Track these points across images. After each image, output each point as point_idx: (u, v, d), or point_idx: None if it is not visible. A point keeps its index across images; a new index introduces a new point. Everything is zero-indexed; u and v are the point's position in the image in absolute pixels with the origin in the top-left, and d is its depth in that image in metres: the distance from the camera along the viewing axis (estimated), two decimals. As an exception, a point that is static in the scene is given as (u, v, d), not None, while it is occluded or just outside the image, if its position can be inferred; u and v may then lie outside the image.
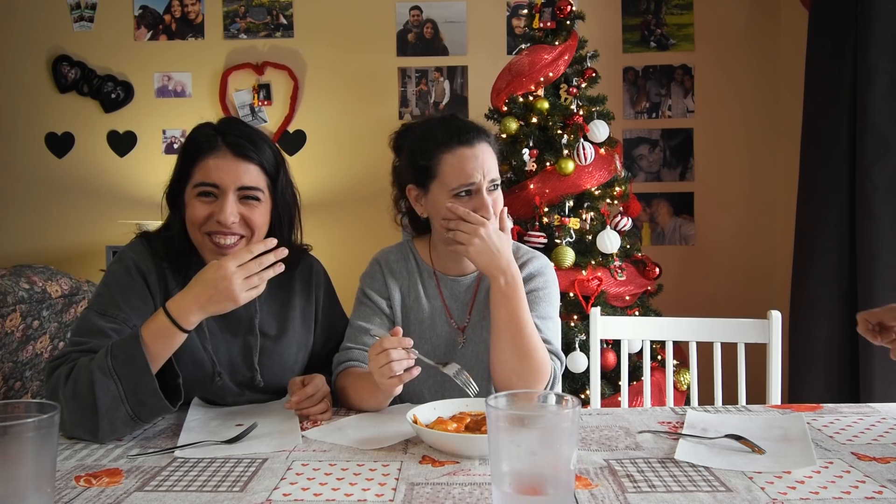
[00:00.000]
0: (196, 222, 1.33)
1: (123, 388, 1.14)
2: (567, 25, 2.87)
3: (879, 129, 2.55)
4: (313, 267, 1.55)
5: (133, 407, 1.15)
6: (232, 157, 1.33)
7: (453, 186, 1.39)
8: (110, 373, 1.15)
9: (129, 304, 1.32)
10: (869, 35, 2.56)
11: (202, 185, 1.32)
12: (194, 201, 1.34)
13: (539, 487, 0.78)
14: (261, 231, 1.38)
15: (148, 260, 1.39)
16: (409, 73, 3.74)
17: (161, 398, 1.16)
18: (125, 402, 1.14)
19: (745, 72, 3.62)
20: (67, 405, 1.15)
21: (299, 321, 1.49)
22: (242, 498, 0.91)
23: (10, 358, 2.42)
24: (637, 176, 3.65)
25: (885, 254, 2.53)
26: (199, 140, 1.35)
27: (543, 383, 1.38)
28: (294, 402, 1.28)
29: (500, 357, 1.36)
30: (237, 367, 1.42)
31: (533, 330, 1.37)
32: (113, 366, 1.15)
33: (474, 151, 1.40)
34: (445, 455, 1.07)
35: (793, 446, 1.08)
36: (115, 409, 1.14)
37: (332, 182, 3.67)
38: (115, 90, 3.77)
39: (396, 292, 1.50)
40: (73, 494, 0.93)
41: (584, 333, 2.61)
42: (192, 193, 1.34)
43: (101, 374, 1.15)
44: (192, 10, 3.77)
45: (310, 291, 1.52)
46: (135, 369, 1.15)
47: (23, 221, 3.81)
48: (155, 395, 1.15)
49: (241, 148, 1.34)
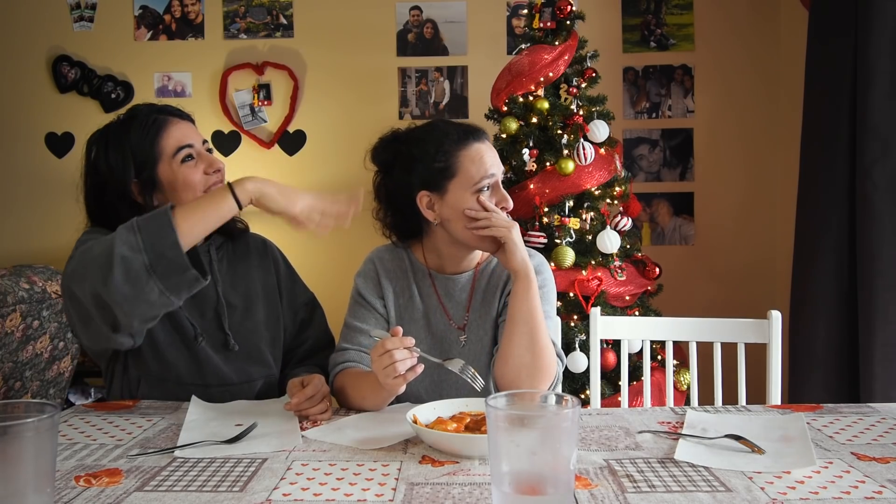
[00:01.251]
0: (197, 184, 1.42)
1: (142, 239, 1.15)
2: (567, 25, 2.87)
3: (879, 129, 2.55)
4: (267, 243, 1.66)
5: (151, 258, 1.14)
6: (184, 122, 1.50)
7: (476, 180, 1.41)
8: (133, 227, 1.17)
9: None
10: (869, 35, 2.56)
11: (183, 149, 1.43)
12: (182, 168, 1.43)
13: (539, 487, 0.78)
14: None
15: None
16: (409, 73, 3.74)
17: (181, 252, 1.15)
18: (142, 252, 1.14)
19: (745, 72, 3.62)
20: (82, 257, 1.18)
21: (261, 291, 1.57)
22: (242, 498, 0.91)
23: (10, 358, 2.42)
24: (637, 176, 3.65)
25: (885, 254, 2.53)
26: (148, 121, 1.45)
27: (550, 382, 1.38)
28: (294, 403, 1.28)
29: (513, 352, 1.36)
30: (212, 334, 1.48)
31: (546, 327, 1.39)
32: (137, 223, 1.18)
33: (487, 146, 1.46)
34: (445, 455, 1.07)
35: (792, 446, 1.08)
36: (131, 261, 1.13)
37: (332, 182, 3.66)
38: (115, 90, 3.77)
39: (390, 292, 1.51)
40: (73, 494, 0.93)
41: (584, 333, 2.61)
42: (174, 163, 1.42)
43: (124, 228, 1.17)
44: (192, 10, 3.77)
45: (267, 264, 1.62)
46: (158, 223, 1.17)
47: (23, 221, 3.81)
48: (175, 248, 1.15)
49: (183, 114, 1.52)
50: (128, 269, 1.13)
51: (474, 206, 1.40)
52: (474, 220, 1.40)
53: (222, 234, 1.57)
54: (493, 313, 1.49)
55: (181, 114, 1.52)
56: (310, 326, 1.62)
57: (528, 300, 1.37)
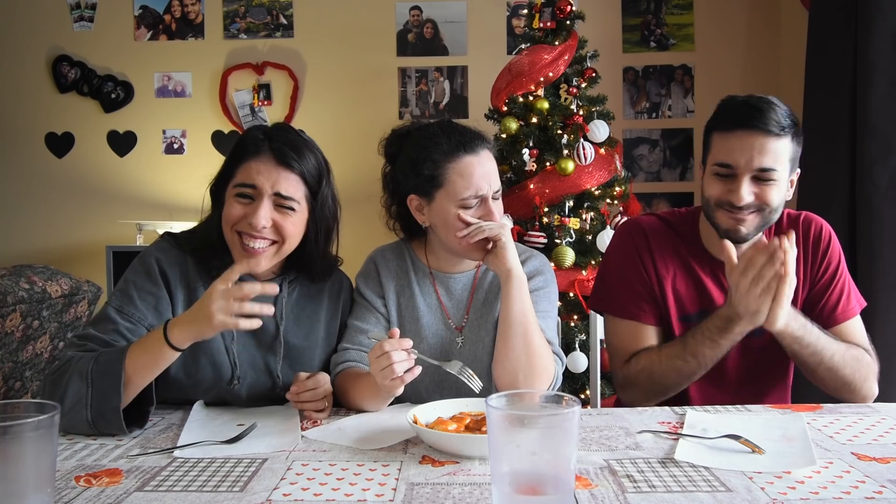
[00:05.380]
0: (230, 221, 1.35)
1: (91, 395, 1.18)
2: (567, 25, 2.87)
3: (879, 129, 2.55)
4: (343, 283, 1.55)
5: (93, 415, 1.17)
6: (274, 162, 1.34)
7: (462, 196, 1.38)
8: (87, 377, 1.19)
9: (146, 302, 1.34)
10: (869, 35, 2.56)
11: (241, 186, 1.34)
12: (232, 200, 1.36)
13: (539, 487, 0.78)
14: (293, 240, 1.38)
15: (173, 254, 1.40)
16: (409, 73, 3.74)
17: (119, 417, 1.17)
18: (87, 408, 1.17)
19: (745, 72, 3.62)
20: (47, 387, 1.23)
21: (323, 334, 1.48)
22: (242, 498, 0.91)
23: (10, 358, 2.42)
24: (637, 176, 3.65)
25: (885, 254, 2.53)
26: (247, 142, 1.37)
27: (548, 382, 1.38)
28: (293, 391, 1.29)
29: (508, 355, 1.36)
30: (259, 375, 1.42)
31: (539, 329, 1.39)
32: (92, 370, 1.19)
33: (480, 160, 1.41)
34: (445, 455, 1.07)
35: (793, 446, 1.08)
36: (77, 412, 1.17)
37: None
38: (115, 90, 3.77)
39: (391, 291, 1.50)
40: (73, 494, 0.93)
41: (584, 333, 2.61)
42: (231, 193, 1.36)
43: (79, 376, 1.20)
44: (192, 10, 3.77)
45: (337, 307, 1.52)
46: (108, 382, 1.18)
47: (23, 221, 3.81)
48: (114, 413, 1.17)
49: (285, 155, 1.34)
50: (72, 419, 1.18)
51: (457, 222, 1.39)
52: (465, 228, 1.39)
53: (305, 275, 1.47)
54: (495, 314, 1.48)
55: (283, 158, 1.35)
56: None
57: (521, 301, 1.36)
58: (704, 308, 1.49)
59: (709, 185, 1.43)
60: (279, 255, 1.38)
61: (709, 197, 1.42)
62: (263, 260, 1.35)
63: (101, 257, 3.60)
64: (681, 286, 1.51)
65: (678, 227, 1.56)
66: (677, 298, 1.51)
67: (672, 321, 1.51)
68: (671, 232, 1.55)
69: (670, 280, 1.51)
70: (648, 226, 1.56)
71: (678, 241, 1.54)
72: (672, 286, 1.51)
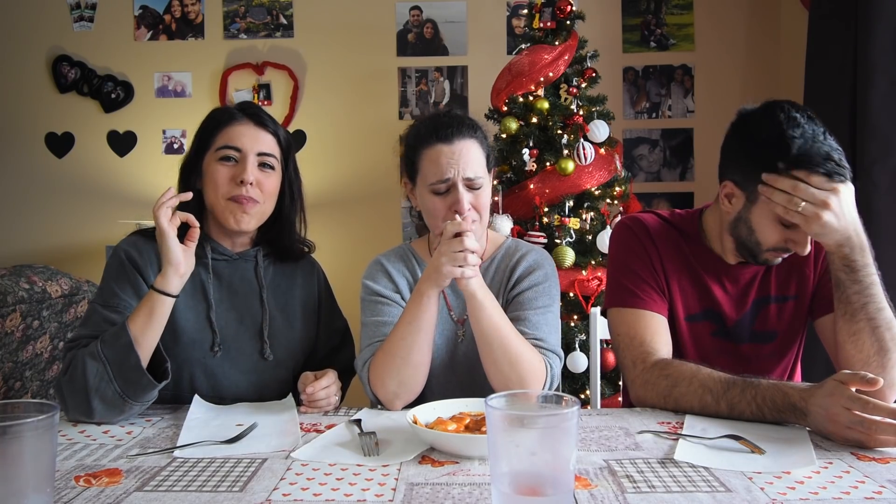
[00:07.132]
0: (219, 185, 1.42)
1: (110, 368, 1.23)
2: (567, 25, 2.87)
3: (879, 129, 2.55)
4: (315, 265, 1.64)
5: (120, 385, 1.23)
6: (253, 125, 1.46)
7: (430, 182, 1.40)
8: (98, 355, 1.24)
9: (126, 292, 1.39)
10: (869, 35, 2.56)
11: (225, 149, 1.43)
12: (216, 165, 1.43)
13: (538, 488, 0.78)
14: (271, 200, 1.48)
15: (140, 243, 1.44)
16: (409, 73, 3.74)
17: (143, 373, 1.23)
18: (113, 381, 1.22)
19: (745, 72, 3.62)
20: (66, 389, 1.25)
21: (300, 306, 1.55)
22: (242, 498, 0.91)
23: (10, 358, 2.42)
24: (637, 176, 3.65)
25: (885, 254, 2.52)
26: (221, 114, 1.48)
27: (540, 382, 1.36)
28: (309, 392, 1.32)
29: (491, 368, 1.35)
30: (244, 340, 1.46)
31: (517, 333, 1.36)
32: (101, 349, 1.25)
33: (452, 148, 1.39)
34: (445, 455, 1.07)
35: (792, 446, 1.08)
36: (105, 389, 1.22)
37: (332, 182, 3.66)
38: (115, 90, 3.77)
39: (404, 287, 1.52)
40: (73, 494, 0.93)
41: (584, 333, 2.61)
42: (214, 158, 1.44)
43: (91, 357, 1.24)
44: (192, 10, 3.77)
45: (311, 285, 1.60)
46: (119, 349, 1.24)
47: (23, 221, 3.81)
48: (137, 371, 1.23)
49: (261, 118, 1.48)
50: (103, 398, 1.23)
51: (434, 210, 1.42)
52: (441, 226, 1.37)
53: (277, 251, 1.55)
54: None
55: (260, 120, 1.47)
56: (340, 352, 1.61)
57: (488, 315, 1.33)
58: (708, 308, 1.48)
59: None
60: (261, 214, 1.47)
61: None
62: (253, 219, 1.44)
63: (101, 257, 3.61)
64: (686, 284, 1.49)
65: (680, 225, 1.55)
66: (684, 297, 1.49)
67: (679, 321, 1.48)
68: (672, 230, 1.54)
69: (676, 277, 1.49)
70: (649, 222, 1.55)
71: (680, 239, 1.52)
72: (678, 283, 1.49)
